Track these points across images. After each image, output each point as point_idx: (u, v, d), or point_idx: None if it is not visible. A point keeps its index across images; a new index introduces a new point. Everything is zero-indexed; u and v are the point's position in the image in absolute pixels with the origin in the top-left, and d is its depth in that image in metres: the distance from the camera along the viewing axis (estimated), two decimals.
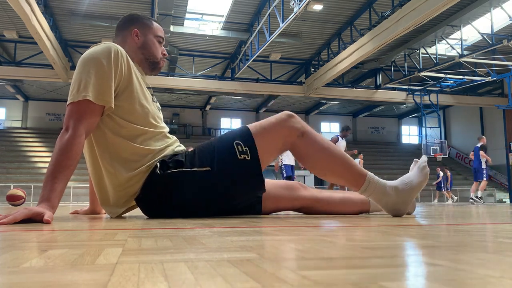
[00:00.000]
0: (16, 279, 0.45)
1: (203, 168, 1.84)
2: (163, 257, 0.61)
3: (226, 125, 27.28)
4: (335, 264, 0.54)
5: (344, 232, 1.09)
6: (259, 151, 1.89)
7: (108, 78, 1.71)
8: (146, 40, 2.01)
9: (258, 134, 1.92)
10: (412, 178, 1.97)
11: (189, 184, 1.84)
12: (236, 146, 1.87)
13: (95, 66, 1.70)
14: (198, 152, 1.91)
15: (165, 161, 1.86)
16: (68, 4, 13.50)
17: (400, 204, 1.93)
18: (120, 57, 1.77)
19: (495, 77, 16.56)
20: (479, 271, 0.48)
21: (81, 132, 1.63)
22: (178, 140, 2.10)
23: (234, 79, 17.96)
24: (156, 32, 2.05)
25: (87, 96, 1.65)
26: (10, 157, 20.61)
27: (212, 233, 1.02)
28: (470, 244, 0.80)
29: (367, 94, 19.43)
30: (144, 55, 1.99)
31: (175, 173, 1.83)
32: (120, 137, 1.80)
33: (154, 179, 1.83)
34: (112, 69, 1.72)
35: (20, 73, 16.34)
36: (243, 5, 13.79)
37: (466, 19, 14.14)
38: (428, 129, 21.90)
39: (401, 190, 1.93)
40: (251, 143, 1.89)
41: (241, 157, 1.86)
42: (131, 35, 2.01)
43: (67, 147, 1.58)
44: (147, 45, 2.01)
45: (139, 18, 2.06)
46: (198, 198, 1.87)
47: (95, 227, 1.34)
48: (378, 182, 1.94)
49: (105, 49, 1.75)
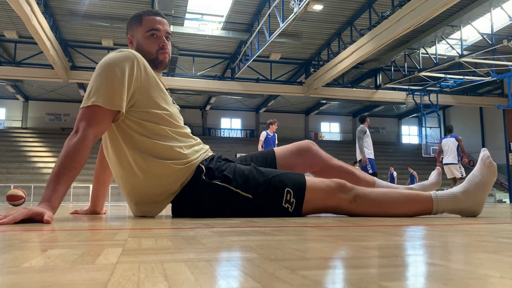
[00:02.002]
0: (16, 279, 0.45)
1: (246, 194, 1.89)
2: (163, 257, 0.61)
3: (226, 125, 27.28)
4: (335, 264, 0.54)
5: (344, 232, 1.09)
6: (305, 205, 1.92)
7: (120, 84, 1.72)
8: (138, 42, 1.98)
9: (311, 190, 1.93)
10: (480, 177, 1.94)
11: (229, 200, 1.89)
12: (286, 194, 1.90)
13: (108, 72, 1.72)
14: (248, 173, 1.93)
15: (211, 168, 1.90)
16: (68, 4, 13.50)
17: (474, 206, 1.94)
18: (136, 64, 1.79)
19: (495, 77, 16.56)
20: (479, 271, 0.48)
21: (90, 136, 1.64)
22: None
23: (234, 79, 17.96)
24: (147, 27, 1.97)
25: (96, 102, 1.68)
26: (10, 157, 20.60)
27: (212, 233, 1.02)
28: (470, 244, 0.80)
29: (367, 94, 19.43)
30: (145, 57, 1.94)
31: (220, 186, 1.88)
32: (149, 139, 1.83)
33: (198, 184, 1.88)
34: (125, 76, 1.74)
35: (20, 73, 16.33)
36: (243, 5, 13.79)
37: (466, 19, 14.13)
38: (428, 129, 21.90)
39: (472, 192, 1.92)
40: (300, 198, 1.91)
41: (285, 205, 1.91)
42: (129, 43, 2.03)
43: (74, 150, 1.59)
44: (140, 47, 1.98)
45: (131, 20, 2.04)
46: (231, 212, 1.92)
47: (95, 227, 1.34)
48: (445, 195, 1.93)
49: (120, 56, 1.77)
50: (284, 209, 1.90)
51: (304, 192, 1.91)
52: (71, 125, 24.83)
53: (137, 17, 2.02)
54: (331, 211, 1.98)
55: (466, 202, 1.91)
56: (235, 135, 27.32)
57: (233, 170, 1.93)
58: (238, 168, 1.95)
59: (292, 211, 1.91)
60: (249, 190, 1.89)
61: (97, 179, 2.28)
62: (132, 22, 2.03)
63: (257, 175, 1.93)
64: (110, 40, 15.89)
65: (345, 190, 1.92)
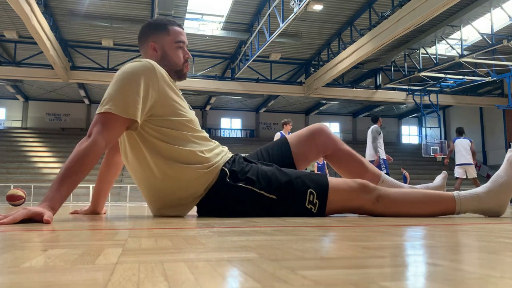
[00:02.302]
0: (16, 279, 0.45)
1: (269, 195, 1.92)
2: (163, 257, 0.61)
3: (226, 125, 27.28)
4: (335, 264, 0.54)
5: (344, 232, 1.09)
6: (328, 206, 1.93)
7: (135, 94, 1.73)
8: (165, 51, 1.99)
9: (334, 191, 1.94)
10: (505, 178, 1.94)
11: (254, 202, 1.92)
12: (309, 194, 1.92)
13: (124, 81, 1.74)
14: (271, 175, 1.95)
15: (235, 171, 1.93)
16: (68, 4, 13.50)
17: (498, 207, 1.94)
18: (154, 74, 1.80)
19: (495, 77, 16.55)
20: (479, 271, 0.48)
21: (101, 141, 1.65)
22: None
23: (234, 79, 17.95)
24: (174, 38, 2.01)
25: (109, 109, 1.69)
26: (10, 157, 20.60)
27: (212, 233, 1.02)
28: (470, 244, 0.80)
29: (367, 94, 19.42)
30: (167, 66, 1.97)
31: (244, 188, 1.91)
32: (172, 145, 1.85)
33: (223, 187, 1.90)
34: (141, 86, 1.75)
35: (20, 73, 16.32)
36: (243, 5, 13.79)
37: (466, 19, 14.13)
38: (428, 129, 21.90)
39: (496, 193, 1.92)
40: (323, 199, 1.93)
41: (308, 206, 1.92)
42: (150, 49, 2.01)
43: (83, 154, 1.60)
44: (167, 56, 1.99)
45: (155, 27, 2.03)
46: (256, 213, 1.94)
47: (95, 227, 1.34)
48: (468, 195, 1.93)
49: (138, 66, 1.78)
50: (308, 210, 1.92)
51: (327, 193, 1.92)
52: (71, 125, 24.85)
53: (163, 25, 2.03)
54: (354, 211, 1.99)
55: (489, 203, 1.91)
56: (235, 135, 27.32)
57: (256, 172, 1.95)
58: (260, 169, 1.97)
59: (316, 212, 1.92)
60: (273, 191, 1.92)
61: (101, 179, 2.29)
62: (156, 29, 2.02)
63: (280, 176, 1.95)
64: (110, 40, 15.89)
65: (368, 190, 1.93)
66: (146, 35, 2.03)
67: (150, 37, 2.01)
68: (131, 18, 14.33)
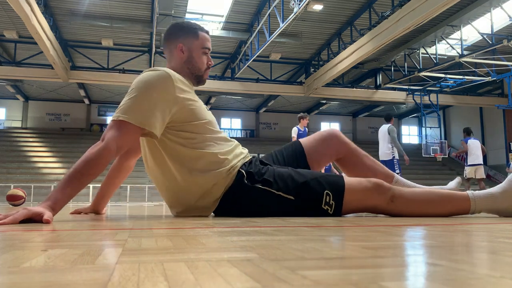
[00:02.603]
0: (16, 279, 0.45)
1: (287, 195, 1.93)
2: (163, 257, 0.61)
3: (226, 125, 27.28)
4: (335, 264, 0.54)
5: (344, 232, 1.09)
6: (344, 207, 1.94)
7: (151, 103, 1.76)
8: (191, 54, 2.02)
9: (349, 192, 1.95)
10: None
11: (271, 202, 1.93)
12: (325, 196, 1.93)
13: (139, 90, 1.77)
14: (288, 176, 1.97)
15: (252, 173, 1.95)
16: (68, 4, 13.49)
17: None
18: (172, 83, 1.82)
19: (495, 77, 16.55)
20: (479, 271, 0.48)
21: (113, 147, 1.67)
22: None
23: (234, 79, 17.95)
24: (202, 44, 2.04)
25: (121, 117, 1.72)
26: (10, 157, 20.59)
27: (212, 233, 1.02)
28: (470, 244, 0.80)
29: (367, 94, 19.42)
30: (190, 69, 2.02)
31: (262, 189, 1.92)
32: (193, 149, 1.88)
33: (241, 188, 1.92)
34: (158, 96, 1.78)
35: (20, 73, 16.32)
36: (243, 5, 13.79)
37: (466, 19, 14.13)
38: (428, 129, 21.89)
39: (511, 193, 1.91)
40: (339, 200, 1.94)
41: (324, 207, 1.93)
42: (177, 49, 2.03)
43: (93, 157, 1.61)
44: (193, 60, 2.02)
45: (185, 29, 2.05)
46: (272, 213, 1.95)
47: (95, 227, 1.34)
48: (482, 195, 1.93)
49: (154, 75, 1.81)
50: (324, 211, 1.94)
51: (343, 194, 1.93)
52: (71, 125, 24.84)
53: (193, 29, 2.06)
54: (370, 211, 2.00)
55: (504, 203, 1.91)
56: (235, 135, 27.31)
57: (273, 174, 1.97)
58: (277, 171, 1.99)
59: (332, 213, 1.94)
60: (290, 192, 1.93)
61: (108, 181, 2.31)
62: (186, 31, 2.05)
63: (296, 176, 1.97)
64: (110, 40, 15.89)
65: (383, 190, 1.93)
66: (175, 36, 2.05)
67: (179, 38, 2.03)
68: (131, 18, 14.33)
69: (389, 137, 8.36)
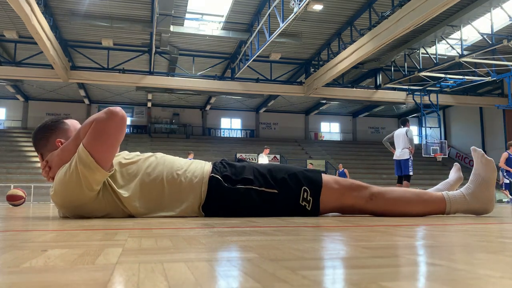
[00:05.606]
0: (16, 279, 0.45)
1: (271, 190, 1.94)
2: (163, 257, 0.61)
3: (226, 125, 27.27)
4: (335, 264, 0.54)
5: (344, 232, 1.09)
6: (322, 204, 1.95)
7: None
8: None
9: (327, 189, 1.96)
10: (482, 176, 1.97)
11: (255, 199, 1.94)
12: (303, 192, 1.94)
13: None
14: (267, 172, 1.99)
15: (228, 175, 1.95)
16: (68, 4, 13.49)
17: (484, 205, 1.97)
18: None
19: (495, 77, 16.55)
20: (479, 271, 0.48)
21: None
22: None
23: (234, 79, 17.95)
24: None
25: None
26: (10, 157, 20.59)
27: (212, 233, 1.02)
28: (470, 244, 0.80)
29: (367, 94, 19.42)
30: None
31: (244, 189, 1.93)
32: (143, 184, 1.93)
33: (222, 192, 1.92)
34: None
35: (20, 73, 16.32)
36: (243, 5, 13.78)
37: (466, 19, 14.12)
38: (428, 129, 21.89)
39: (478, 193, 1.95)
40: (316, 196, 1.95)
41: (302, 203, 1.95)
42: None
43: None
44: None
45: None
46: (257, 208, 1.95)
47: (95, 227, 1.34)
48: (457, 196, 1.96)
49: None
50: (302, 207, 1.94)
51: (320, 190, 1.94)
52: None
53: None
54: (349, 209, 2.00)
55: (476, 203, 1.95)
56: (235, 135, 27.30)
57: (252, 171, 1.98)
58: (255, 168, 2.00)
59: (310, 210, 1.94)
60: (272, 186, 1.94)
61: None
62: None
63: (275, 172, 1.99)
64: (110, 40, 15.89)
65: (360, 188, 1.96)
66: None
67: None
68: (131, 18, 14.32)
69: (408, 139, 8.79)
